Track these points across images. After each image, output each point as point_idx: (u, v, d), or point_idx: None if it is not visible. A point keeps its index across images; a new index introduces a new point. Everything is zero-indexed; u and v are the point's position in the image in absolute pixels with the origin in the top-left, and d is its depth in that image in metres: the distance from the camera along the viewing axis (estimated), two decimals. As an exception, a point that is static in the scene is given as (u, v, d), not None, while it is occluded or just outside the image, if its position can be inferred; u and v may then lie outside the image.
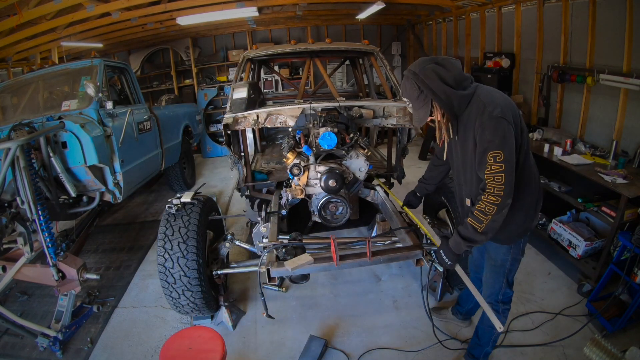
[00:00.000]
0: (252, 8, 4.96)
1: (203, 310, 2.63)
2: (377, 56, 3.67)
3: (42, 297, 3.31)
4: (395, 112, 2.89)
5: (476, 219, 1.70)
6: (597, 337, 2.20)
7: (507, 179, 1.62)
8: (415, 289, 3.11)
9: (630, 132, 3.32)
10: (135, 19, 5.03)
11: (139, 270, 3.71)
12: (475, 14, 5.67)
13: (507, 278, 2.05)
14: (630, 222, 2.71)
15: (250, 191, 3.51)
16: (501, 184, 1.62)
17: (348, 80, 7.96)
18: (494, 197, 1.64)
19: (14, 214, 2.88)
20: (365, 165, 2.69)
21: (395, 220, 2.67)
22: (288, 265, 2.14)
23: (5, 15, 4.05)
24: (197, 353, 1.84)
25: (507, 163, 1.61)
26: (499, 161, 1.61)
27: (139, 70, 7.85)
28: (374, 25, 8.31)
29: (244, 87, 2.91)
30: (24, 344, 2.78)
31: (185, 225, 2.48)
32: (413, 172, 5.72)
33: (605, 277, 2.67)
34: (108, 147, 3.45)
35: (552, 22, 4.13)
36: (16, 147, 2.60)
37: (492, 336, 2.19)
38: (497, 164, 1.61)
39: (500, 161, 1.60)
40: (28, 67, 4.45)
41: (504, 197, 1.63)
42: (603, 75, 3.39)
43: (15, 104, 3.84)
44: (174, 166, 5.26)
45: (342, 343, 2.62)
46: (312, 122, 2.67)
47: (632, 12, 3.15)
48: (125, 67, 4.49)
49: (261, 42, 8.00)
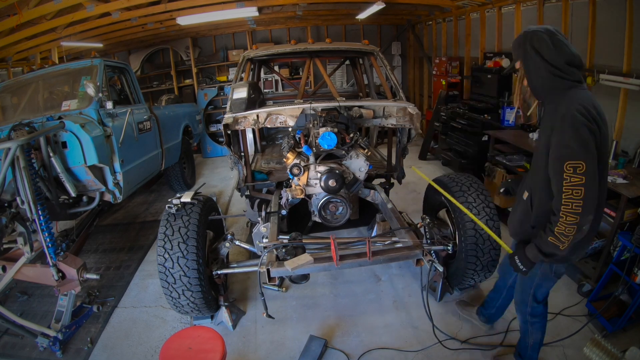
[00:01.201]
0: (252, 8, 4.96)
1: (203, 310, 2.63)
2: (377, 56, 3.67)
3: (42, 297, 3.31)
4: (395, 112, 2.89)
5: (557, 240, 1.59)
6: (597, 337, 2.20)
7: (588, 194, 1.48)
8: (415, 289, 3.11)
9: (630, 132, 3.32)
10: (135, 19, 5.03)
11: (139, 270, 3.71)
12: (475, 14, 5.67)
13: (534, 292, 1.98)
14: (630, 222, 2.71)
15: (250, 191, 3.52)
16: (580, 198, 1.48)
17: (348, 80, 7.97)
18: (572, 217, 1.51)
19: (14, 214, 2.88)
20: (365, 165, 2.69)
21: (395, 220, 2.67)
22: (288, 265, 2.14)
23: (5, 15, 4.05)
24: (197, 353, 1.84)
25: (589, 175, 1.47)
26: (580, 173, 1.47)
27: (139, 70, 7.86)
28: (374, 25, 8.31)
29: (244, 87, 2.91)
30: (24, 344, 2.78)
31: (185, 225, 2.48)
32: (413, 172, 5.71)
33: (605, 277, 2.67)
34: (108, 147, 3.44)
35: (552, 22, 4.13)
36: (16, 147, 2.60)
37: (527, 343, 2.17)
38: (576, 176, 1.47)
39: (581, 173, 1.46)
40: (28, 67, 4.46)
41: (582, 215, 1.50)
42: (603, 75, 3.39)
43: (15, 104, 3.84)
44: (174, 166, 5.27)
45: (342, 343, 2.62)
46: (312, 122, 2.67)
47: (632, 12, 3.15)
48: (125, 67, 4.49)
49: (261, 42, 8.00)
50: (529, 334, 2.13)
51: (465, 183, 2.74)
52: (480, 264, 2.60)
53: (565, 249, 1.59)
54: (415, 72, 8.40)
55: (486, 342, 2.54)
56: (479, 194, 2.65)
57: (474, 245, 2.54)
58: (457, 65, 6.29)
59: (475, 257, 2.58)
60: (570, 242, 1.56)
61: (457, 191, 2.69)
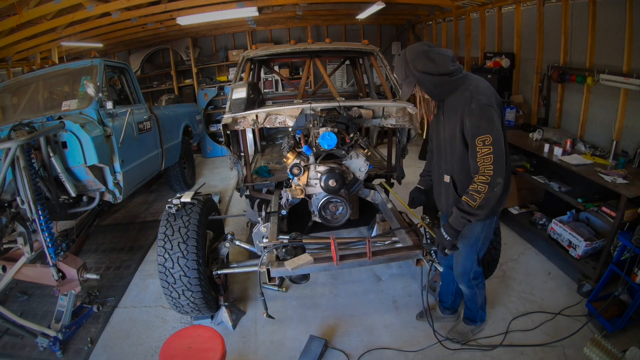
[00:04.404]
0: (252, 8, 4.96)
1: (203, 310, 2.63)
2: (377, 56, 3.67)
3: (42, 297, 3.31)
4: (394, 112, 2.89)
5: (470, 197, 1.85)
6: (597, 337, 2.20)
7: (496, 159, 1.78)
8: (415, 289, 3.11)
9: (630, 132, 3.32)
10: (135, 19, 5.03)
11: (139, 270, 3.71)
12: (475, 14, 5.67)
13: (478, 255, 2.24)
14: (630, 222, 2.70)
15: (250, 191, 3.52)
16: (490, 163, 1.78)
17: (348, 80, 7.97)
18: (484, 177, 1.80)
19: (14, 214, 2.87)
20: (365, 165, 2.69)
21: (395, 220, 2.67)
22: (288, 265, 2.14)
23: (5, 15, 4.05)
24: (196, 352, 1.84)
25: (495, 145, 1.77)
26: (488, 144, 1.77)
27: (139, 70, 7.85)
28: (374, 25, 8.31)
29: (243, 87, 2.90)
30: (24, 344, 2.78)
31: (185, 225, 2.48)
32: (413, 172, 5.71)
33: (605, 277, 2.67)
34: (108, 147, 3.44)
35: (552, 22, 4.13)
36: (16, 147, 2.60)
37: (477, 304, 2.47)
38: (486, 147, 1.78)
39: (489, 144, 1.77)
40: (28, 67, 4.44)
41: (493, 176, 1.79)
42: (603, 75, 3.39)
43: (15, 104, 3.84)
44: (174, 166, 5.27)
45: (342, 343, 2.62)
46: (312, 122, 2.67)
47: (632, 12, 3.15)
48: (125, 67, 4.49)
49: (261, 42, 8.00)
50: (477, 296, 2.43)
51: None
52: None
53: (477, 205, 1.84)
54: (415, 72, 8.38)
55: (486, 342, 2.54)
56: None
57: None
58: (457, 65, 6.28)
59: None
60: (482, 199, 1.82)
61: None
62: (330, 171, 2.57)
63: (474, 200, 1.84)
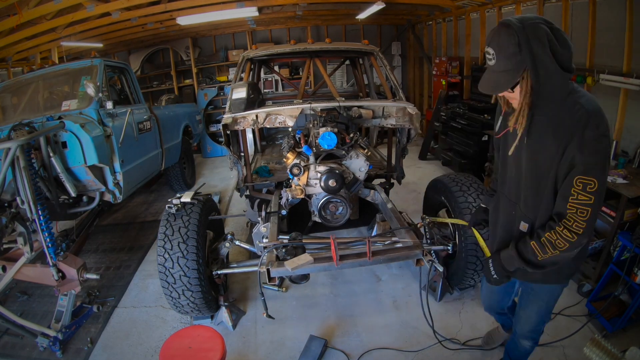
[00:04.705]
0: (252, 8, 4.96)
1: (203, 310, 2.63)
2: (377, 56, 3.67)
3: (42, 297, 3.31)
4: (394, 112, 2.89)
5: (541, 247, 1.40)
6: (597, 337, 2.19)
7: (592, 216, 1.30)
8: (415, 289, 3.11)
9: (630, 132, 3.32)
10: (135, 19, 5.03)
11: (139, 270, 3.71)
12: (475, 14, 5.67)
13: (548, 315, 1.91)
14: (630, 222, 2.71)
15: (250, 191, 3.52)
16: (584, 219, 1.30)
17: (348, 80, 7.97)
18: (570, 233, 1.32)
19: (14, 214, 2.88)
20: (365, 165, 2.69)
21: (395, 220, 2.67)
22: (288, 265, 2.14)
23: (5, 15, 4.05)
24: (196, 352, 1.84)
25: (598, 195, 1.28)
26: (591, 191, 1.27)
27: (139, 70, 7.85)
28: (374, 25, 8.31)
29: (243, 87, 2.90)
30: (24, 344, 2.78)
31: (185, 225, 2.48)
32: (413, 172, 5.72)
33: (605, 277, 2.67)
34: (108, 147, 3.44)
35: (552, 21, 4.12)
36: (16, 147, 2.60)
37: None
38: (586, 195, 1.28)
39: (592, 191, 1.27)
40: (28, 67, 4.44)
41: (581, 236, 1.31)
42: (603, 75, 3.39)
43: (15, 104, 3.84)
44: (174, 166, 5.27)
45: (342, 343, 2.62)
46: (312, 122, 2.67)
47: (632, 12, 3.15)
48: (125, 67, 4.49)
49: (261, 42, 8.00)
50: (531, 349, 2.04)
51: (465, 183, 2.74)
52: (481, 263, 2.60)
53: (541, 261, 1.43)
54: (415, 72, 8.40)
55: (486, 342, 2.53)
56: (479, 194, 2.65)
57: (474, 245, 2.54)
58: (457, 65, 6.28)
59: (475, 256, 2.58)
60: (554, 256, 1.39)
61: (457, 191, 2.69)
62: (330, 171, 2.57)
63: (544, 253, 1.39)
